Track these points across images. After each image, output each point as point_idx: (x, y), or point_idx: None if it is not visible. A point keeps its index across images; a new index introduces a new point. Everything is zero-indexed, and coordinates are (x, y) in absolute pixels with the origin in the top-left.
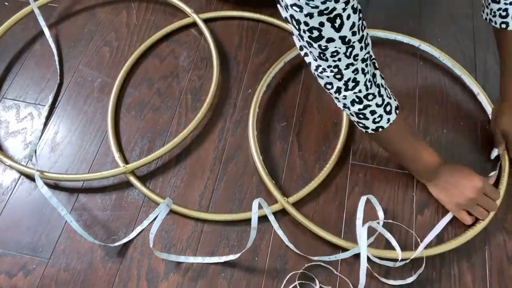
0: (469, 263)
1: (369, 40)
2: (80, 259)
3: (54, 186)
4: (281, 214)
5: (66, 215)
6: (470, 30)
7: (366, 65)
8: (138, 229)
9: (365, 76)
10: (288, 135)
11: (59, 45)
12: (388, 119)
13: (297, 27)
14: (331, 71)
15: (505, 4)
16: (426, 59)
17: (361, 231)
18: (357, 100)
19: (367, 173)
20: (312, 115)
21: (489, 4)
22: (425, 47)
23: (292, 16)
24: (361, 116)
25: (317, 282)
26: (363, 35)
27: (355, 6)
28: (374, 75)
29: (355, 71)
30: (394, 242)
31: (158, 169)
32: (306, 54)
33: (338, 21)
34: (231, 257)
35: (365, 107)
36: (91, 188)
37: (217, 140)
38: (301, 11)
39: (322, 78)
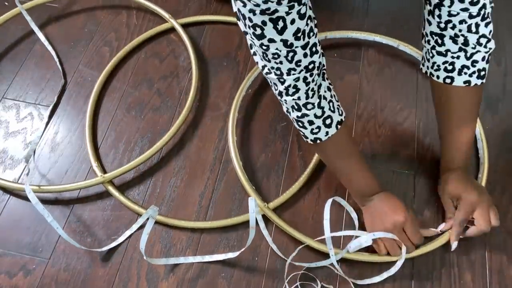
0: (469, 263)
1: (318, 49)
2: (80, 259)
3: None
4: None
5: (52, 222)
6: None
7: (311, 75)
8: (127, 233)
9: (307, 85)
10: (288, 135)
11: (59, 45)
12: (327, 132)
13: (243, 22)
14: (275, 74)
15: (452, 58)
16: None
17: (326, 207)
18: (296, 107)
19: None
20: None
21: (432, 56)
22: (403, 47)
23: (238, 10)
24: (300, 124)
25: (318, 282)
26: (308, 42)
27: (302, 12)
28: (319, 86)
29: (297, 79)
30: (356, 222)
31: (158, 169)
32: (254, 53)
33: (280, 23)
34: (230, 255)
35: (303, 115)
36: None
37: (217, 140)
38: (244, 6)
39: (267, 77)
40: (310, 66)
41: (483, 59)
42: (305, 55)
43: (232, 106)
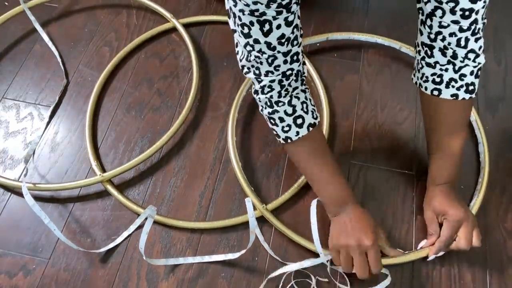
0: (469, 263)
1: (300, 58)
2: (80, 259)
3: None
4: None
5: (49, 223)
6: None
7: (287, 79)
8: (125, 234)
9: (281, 87)
10: None
11: (60, 45)
12: (297, 132)
13: (233, 20)
14: (253, 73)
15: (440, 70)
16: None
17: (312, 211)
18: (268, 103)
19: (367, 173)
20: None
21: (422, 67)
22: (405, 50)
23: (230, 8)
24: (272, 121)
25: (313, 278)
26: (291, 50)
27: (289, 20)
28: (294, 89)
29: (272, 81)
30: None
31: (158, 169)
32: (237, 52)
33: (267, 26)
34: (230, 256)
35: (274, 111)
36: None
37: (217, 140)
38: (235, 5)
39: (246, 74)
40: (288, 73)
41: (471, 73)
42: (285, 62)
43: (232, 106)
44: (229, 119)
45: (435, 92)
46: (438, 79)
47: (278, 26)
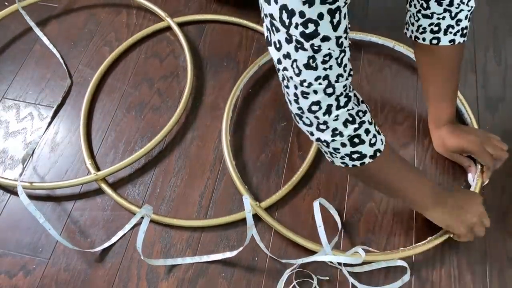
0: (469, 263)
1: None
2: (80, 259)
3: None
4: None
5: (44, 223)
6: (470, 30)
7: (350, 82)
8: (120, 233)
9: (351, 91)
10: (288, 135)
11: (60, 45)
12: (382, 140)
13: (287, 22)
14: (320, 84)
15: (438, 19)
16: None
17: (316, 212)
18: (350, 119)
19: None
20: None
21: (417, 20)
22: (399, 48)
23: (283, 7)
24: (356, 140)
25: (314, 278)
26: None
27: (346, 11)
28: (364, 112)
29: (345, 86)
30: (339, 225)
31: (158, 169)
32: (285, 69)
33: (337, 16)
34: (228, 254)
35: (360, 124)
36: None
37: (217, 140)
38: None
39: (307, 98)
40: (351, 72)
41: (466, 17)
42: (349, 59)
43: (226, 106)
44: (223, 118)
45: (434, 41)
46: (436, 28)
47: (345, 16)
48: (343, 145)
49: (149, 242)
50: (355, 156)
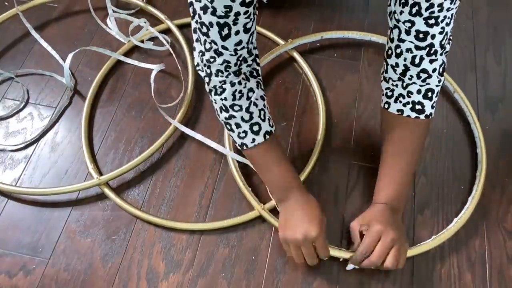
0: (469, 263)
1: (251, 62)
2: (80, 259)
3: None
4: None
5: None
6: (470, 30)
7: (239, 81)
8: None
9: (232, 86)
10: (288, 135)
11: (60, 45)
12: (253, 139)
13: (194, 17)
14: (205, 72)
15: (392, 85)
16: None
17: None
18: (224, 108)
19: (367, 173)
20: (312, 115)
21: (381, 81)
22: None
23: (191, 3)
24: (228, 126)
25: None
26: (241, 54)
27: (248, 27)
28: (250, 90)
29: (224, 82)
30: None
31: (158, 169)
32: (194, 48)
33: (225, 30)
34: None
35: (230, 117)
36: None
37: (217, 140)
38: (199, 1)
39: (201, 74)
40: (238, 72)
41: (418, 92)
42: (236, 64)
43: None
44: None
45: (386, 105)
46: (390, 93)
47: (237, 32)
48: (224, 125)
49: (149, 242)
50: (231, 138)
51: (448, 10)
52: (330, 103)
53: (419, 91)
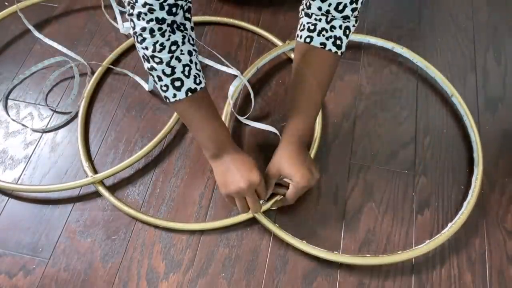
0: (469, 263)
1: (179, 12)
2: (80, 259)
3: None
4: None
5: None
6: (470, 30)
7: (160, 29)
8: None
9: (153, 37)
10: None
11: (60, 44)
12: (174, 95)
13: None
14: (128, 12)
15: (315, 20)
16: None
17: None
18: (145, 57)
19: (367, 173)
20: None
21: (301, 17)
22: (398, 49)
23: None
24: (152, 77)
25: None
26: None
27: None
28: (174, 43)
29: (144, 29)
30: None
31: (158, 169)
32: None
33: None
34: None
35: (152, 68)
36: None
37: None
38: None
39: (127, 18)
40: (162, 22)
41: (340, 27)
42: (161, 8)
43: (226, 106)
44: (223, 117)
45: (308, 39)
46: (312, 27)
47: None
48: (147, 72)
49: (149, 242)
50: (159, 90)
51: None
52: (330, 103)
53: (340, 27)
